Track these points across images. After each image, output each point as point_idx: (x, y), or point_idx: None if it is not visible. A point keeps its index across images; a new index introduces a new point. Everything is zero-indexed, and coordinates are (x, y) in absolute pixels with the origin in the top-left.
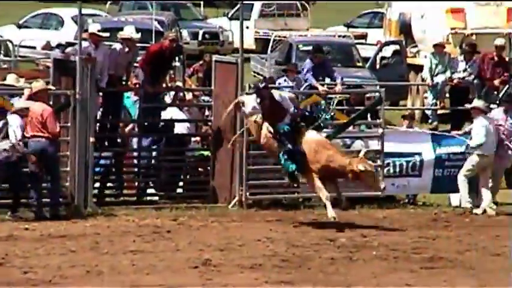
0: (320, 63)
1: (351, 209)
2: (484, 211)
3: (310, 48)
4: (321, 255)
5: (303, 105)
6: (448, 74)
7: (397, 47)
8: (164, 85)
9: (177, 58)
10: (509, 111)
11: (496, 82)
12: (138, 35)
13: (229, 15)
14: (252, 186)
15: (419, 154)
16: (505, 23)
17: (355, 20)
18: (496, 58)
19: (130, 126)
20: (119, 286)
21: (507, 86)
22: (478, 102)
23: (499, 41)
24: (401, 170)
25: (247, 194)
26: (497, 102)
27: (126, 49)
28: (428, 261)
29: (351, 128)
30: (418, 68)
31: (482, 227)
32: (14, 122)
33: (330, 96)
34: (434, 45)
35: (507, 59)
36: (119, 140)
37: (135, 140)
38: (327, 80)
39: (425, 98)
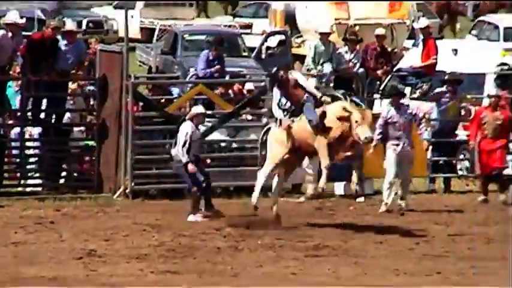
0: (217, 56)
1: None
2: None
3: (197, 38)
4: (207, 245)
5: (188, 97)
6: (333, 63)
7: (283, 37)
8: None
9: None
10: (401, 107)
11: (379, 72)
12: (23, 20)
13: (113, 4)
14: (138, 176)
15: None
16: (387, 14)
17: (241, 10)
18: (378, 49)
19: None
20: (0, 279)
21: (389, 76)
22: None
23: (379, 31)
24: None
25: (133, 184)
26: (380, 93)
27: (10, 34)
28: (313, 250)
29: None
30: (303, 58)
31: (367, 215)
32: None
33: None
34: (321, 33)
35: (389, 49)
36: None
37: (17, 130)
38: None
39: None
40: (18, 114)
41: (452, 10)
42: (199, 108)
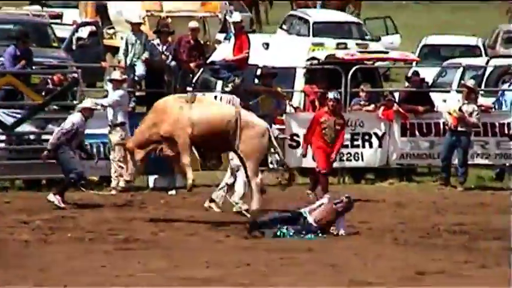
0: (24, 50)
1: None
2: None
3: (5, 27)
4: (14, 238)
5: None
6: (146, 54)
7: (94, 28)
8: None
9: None
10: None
11: (192, 65)
12: None
13: None
14: None
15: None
16: (199, 7)
17: (51, 0)
18: (192, 41)
19: None
20: None
21: (202, 69)
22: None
23: (193, 24)
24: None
25: None
26: (192, 85)
27: None
28: (123, 243)
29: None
30: (115, 49)
31: (177, 208)
32: None
33: None
34: (132, 24)
35: (202, 42)
36: None
37: None
38: None
39: None
40: None
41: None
42: (89, 102)
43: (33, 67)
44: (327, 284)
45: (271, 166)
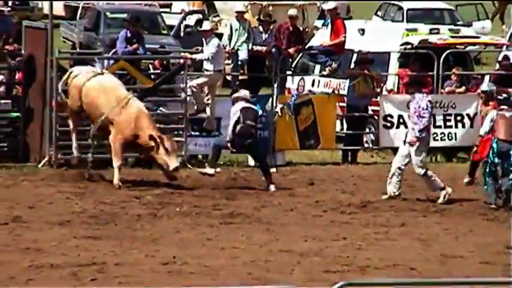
0: (135, 33)
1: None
2: None
3: (119, 16)
4: (127, 212)
5: (111, 71)
6: (250, 41)
7: (200, 16)
8: None
9: None
10: None
11: (291, 51)
12: None
13: None
14: (61, 146)
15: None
16: None
17: None
18: (291, 28)
19: None
20: None
21: (301, 54)
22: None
23: (292, 11)
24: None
25: (57, 154)
26: (292, 70)
27: None
28: (228, 217)
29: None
30: (220, 36)
31: (279, 185)
32: None
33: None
34: (236, 12)
35: (301, 29)
36: None
37: None
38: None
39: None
40: None
41: None
42: (242, 93)
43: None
44: (418, 258)
45: (365, 145)
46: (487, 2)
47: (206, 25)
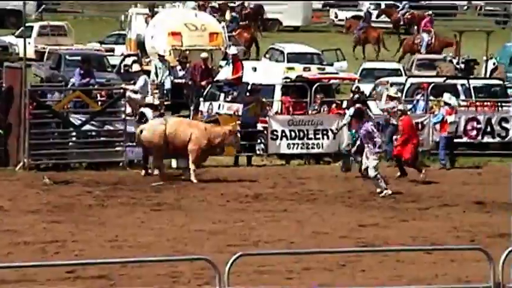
0: (87, 70)
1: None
2: None
3: (75, 58)
4: (82, 203)
5: (69, 99)
6: (171, 77)
7: (135, 58)
8: None
9: None
10: None
11: (203, 83)
12: None
13: (15, 34)
14: (33, 154)
15: None
16: (208, 43)
17: (106, 39)
18: (203, 66)
19: None
20: None
21: (210, 86)
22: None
23: (204, 54)
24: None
25: (30, 160)
26: (203, 97)
27: None
28: (156, 206)
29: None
30: (148, 72)
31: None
32: None
33: None
34: (159, 55)
35: (210, 66)
36: None
37: None
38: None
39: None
40: None
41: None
42: None
43: (95, 85)
44: (296, 235)
45: (258, 152)
46: (346, 47)
47: (136, 67)
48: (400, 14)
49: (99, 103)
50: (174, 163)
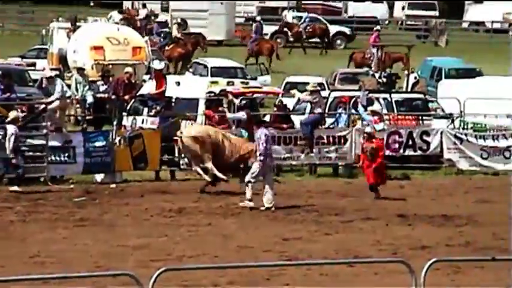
0: (8, 85)
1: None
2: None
3: None
4: (3, 219)
5: None
6: (92, 92)
7: (57, 72)
8: None
9: None
10: None
11: (126, 97)
12: None
13: None
14: None
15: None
16: (131, 57)
17: (27, 53)
18: (126, 81)
19: None
20: None
21: (133, 100)
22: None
23: (128, 69)
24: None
25: None
26: (127, 111)
27: None
28: (79, 221)
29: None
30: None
31: (115, 198)
32: None
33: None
34: (78, 69)
35: (134, 81)
36: None
37: None
38: None
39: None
40: None
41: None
42: (15, 113)
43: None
44: (220, 249)
45: (182, 167)
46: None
47: (48, 72)
48: (302, 28)
49: (20, 118)
50: (98, 178)
